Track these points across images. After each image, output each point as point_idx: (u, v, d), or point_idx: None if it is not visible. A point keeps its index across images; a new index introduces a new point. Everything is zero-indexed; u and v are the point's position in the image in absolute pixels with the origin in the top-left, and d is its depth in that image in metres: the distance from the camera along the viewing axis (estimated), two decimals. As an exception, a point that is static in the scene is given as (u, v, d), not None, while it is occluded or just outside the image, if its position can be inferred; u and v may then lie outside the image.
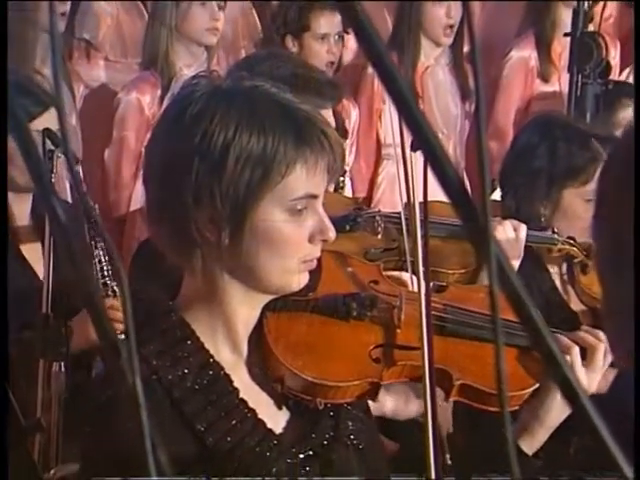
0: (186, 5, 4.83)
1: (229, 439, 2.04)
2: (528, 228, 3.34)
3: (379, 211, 3.25)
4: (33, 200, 3.92)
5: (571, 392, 1.04)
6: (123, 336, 1.08)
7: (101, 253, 3.68)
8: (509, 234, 3.24)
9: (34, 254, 3.89)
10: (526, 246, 3.31)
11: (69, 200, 3.73)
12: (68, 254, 1.15)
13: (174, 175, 2.04)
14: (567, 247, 3.47)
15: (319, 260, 2.13)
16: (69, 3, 4.81)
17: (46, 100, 3.64)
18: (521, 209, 3.54)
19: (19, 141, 1.13)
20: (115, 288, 3.65)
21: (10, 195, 3.90)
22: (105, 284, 3.64)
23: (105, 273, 3.66)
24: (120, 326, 1.13)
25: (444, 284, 2.55)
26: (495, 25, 5.85)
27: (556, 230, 3.49)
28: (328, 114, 2.95)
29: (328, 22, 4.84)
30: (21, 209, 3.94)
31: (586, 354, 2.32)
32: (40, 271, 3.76)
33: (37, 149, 1.16)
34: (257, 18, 5.42)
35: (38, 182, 1.16)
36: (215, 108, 2.04)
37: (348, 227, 2.99)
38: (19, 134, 1.14)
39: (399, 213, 3.01)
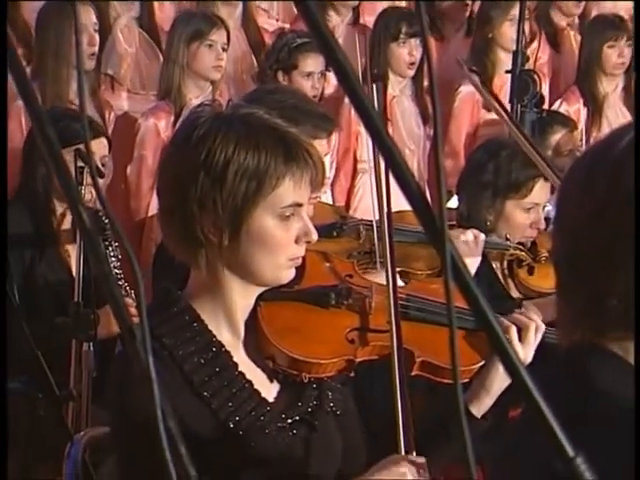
0: (195, 47, 4.81)
1: (230, 405, 2.03)
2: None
3: (361, 220, 3.24)
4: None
5: (510, 364, 1.04)
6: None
7: (112, 256, 3.67)
8: (470, 239, 3.24)
9: (73, 253, 3.89)
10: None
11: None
12: (93, 254, 1.14)
13: (183, 186, 2.03)
14: (517, 252, 3.49)
15: (303, 258, 2.12)
16: (97, 45, 4.80)
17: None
18: (471, 215, 3.54)
19: (52, 161, 1.12)
20: (127, 289, 3.65)
21: (57, 203, 3.89)
22: (119, 285, 3.63)
23: (118, 275, 3.66)
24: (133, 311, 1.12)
25: (408, 278, 2.55)
26: (448, 64, 5.86)
27: (509, 237, 3.49)
28: (322, 143, 2.93)
29: (313, 62, 4.84)
30: (67, 215, 3.91)
31: (521, 332, 2.32)
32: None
33: (67, 167, 1.15)
34: (254, 58, 5.41)
35: (68, 193, 1.14)
36: (217, 131, 2.03)
37: (335, 233, 2.97)
38: (52, 156, 1.12)
39: (377, 221, 3.01)
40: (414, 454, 2.13)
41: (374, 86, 2.65)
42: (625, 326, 1.41)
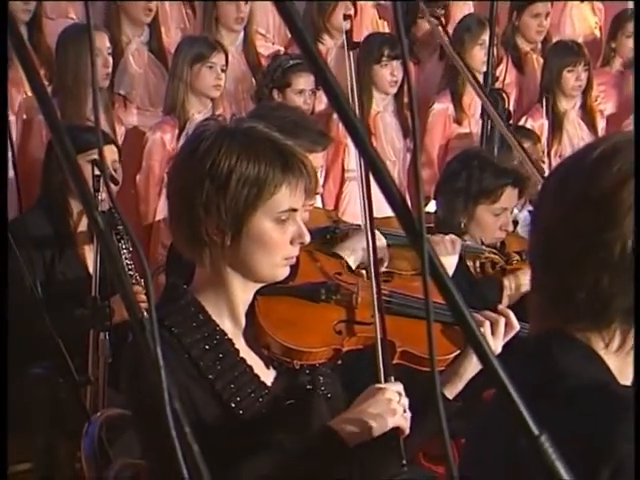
0: (197, 68, 4.80)
1: (232, 386, 2.03)
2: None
3: (352, 224, 3.23)
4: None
5: (483, 353, 1.04)
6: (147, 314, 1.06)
7: (124, 248, 3.67)
8: (448, 243, 3.23)
9: (89, 252, 3.88)
10: None
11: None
12: (107, 254, 1.13)
13: (190, 193, 2.03)
14: (491, 255, 3.48)
15: (297, 257, 2.12)
16: (111, 67, 4.80)
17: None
18: (446, 219, 3.53)
19: (70, 170, 1.11)
20: (137, 278, 3.65)
21: (74, 206, 3.89)
22: (130, 275, 3.63)
23: (129, 266, 3.66)
24: (144, 305, 1.11)
25: (391, 274, 2.54)
26: (423, 84, 5.87)
27: (483, 241, 3.49)
28: (318, 156, 2.92)
29: (305, 81, 4.82)
30: (82, 219, 3.91)
31: (492, 327, 2.32)
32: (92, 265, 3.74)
33: (83, 175, 1.14)
34: (253, 78, 5.40)
35: (83, 199, 1.13)
36: (221, 143, 2.02)
37: (328, 236, 2.95)
38: (70, 166, 1.12)
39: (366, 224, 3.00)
40: (392, 378, 2.14)
41: (351, 53, 2.64)
42: (590, 317, 1.40)
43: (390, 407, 2.04)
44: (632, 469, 1.25)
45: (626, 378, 1.44)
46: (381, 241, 2.86)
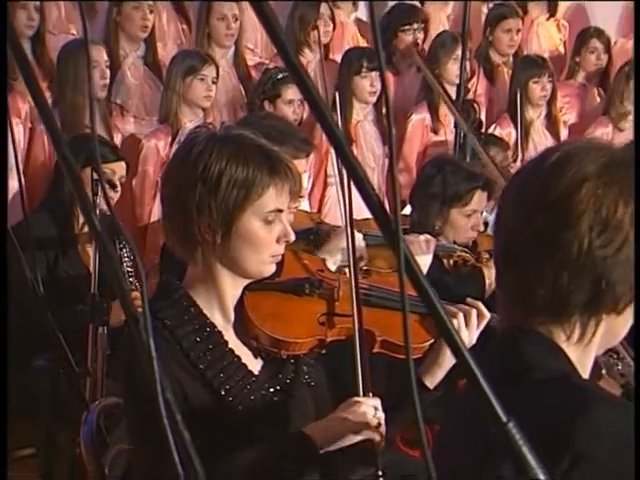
0: (189, 80, 4.79)
1: (222, 375, 2.02)
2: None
3: (333, 226, 3.22)
4: None
5: (454, 344, 1.04)
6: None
7: (126, 256, 3.66)
8: (422, 242, 3.22)
9: (91, 252, 3.88)
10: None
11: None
12: (103, 253, 1.12)
13: (183, 194, 2.02)
14: (463, 254, 3.48)
15: (283, 255, 2.11)
16: (108, 79, 4.79)
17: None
18: (421, 221, 3.53)
19: (69, 175, 1.11)
20: (135, 284, 3.64)
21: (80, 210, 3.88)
22: (130, 281, 3.62)
23: (127, 274, 3.65)
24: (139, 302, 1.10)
25: (369, 272, 2.54)
26: (402, 95, 5.88)
27: (456, 241, 3.49)
28: (302, 162, 2.93)
29: (293, 92, 4.81)
30: (85, 228, 3.90)
31: (465, 318, 2.31)
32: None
33: (82, 180, 1.13)
34: (242, 89, 5.40)
35: (81, 202, 1.13)
36: (212, 148, 2.02)
37: (312, 237, 2.94)
38: (69, 171, 1.11)
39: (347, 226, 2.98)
40: (370, 394, 2.12)
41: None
42: (552, 312, 1.41)
43: (364, 420, 2.03)
44: (594, 458, 1.25)
45: (585, 370, 1.44)
46: (359, 242, 2.85)
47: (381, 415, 2.06)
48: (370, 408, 2.04)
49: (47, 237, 3.81)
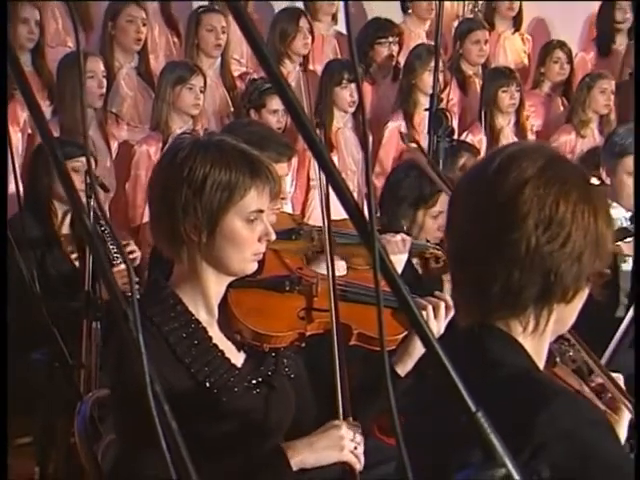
0: (179, 89, 4.78)
1: (206, 369, 2.01)
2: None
3: (314, 226, 3.21)
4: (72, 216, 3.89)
5: (424, 336, 1.03)
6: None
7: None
8: (399, 241, 3.21)
9: (73, 250, 3.89)
10: None
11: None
12: (94, 253, 1.12)
13: (169, 196, 2.01)
14: (435, 251, 3.47)
15: (264, 254, 2.10)
16: (105, 88, 4.79)
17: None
18: (391, 223, 3.51)
19: (61, 178, 1.10)
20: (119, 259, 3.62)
21: (59, 211, 3.87)
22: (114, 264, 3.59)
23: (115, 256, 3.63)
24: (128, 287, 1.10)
25: (346, 268, 2.55)
26: (379, 104, 5.89)
27: (428, 239, 3.48)
28: (283, 166, 2.93)
29: (278, 102, 4.78)
30: (65, 219, 3.93)
31: (434, 310, 2.31)
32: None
33: (73, 182, 1.12)
34: (229, 98, 5.40)
35: (73, 204, 1.12)
36: (196, 153, 2.01)
37: (294, 237, 2.92)
38: (61, 174, 1.11)
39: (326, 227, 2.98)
40: (351, 419, 2.10)
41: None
42: (506, 307, 1.41)
43: (340, 443, 2.02)
44: (552, 449, 1.25)
45: (541, 358, 1.46)
46: None
47: (360, 439, 2.05)
48: (348, 432, 2.04)
49: (33, 236, 3.78)
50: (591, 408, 1.41)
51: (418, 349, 2.25)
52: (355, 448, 2.04)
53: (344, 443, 2.03)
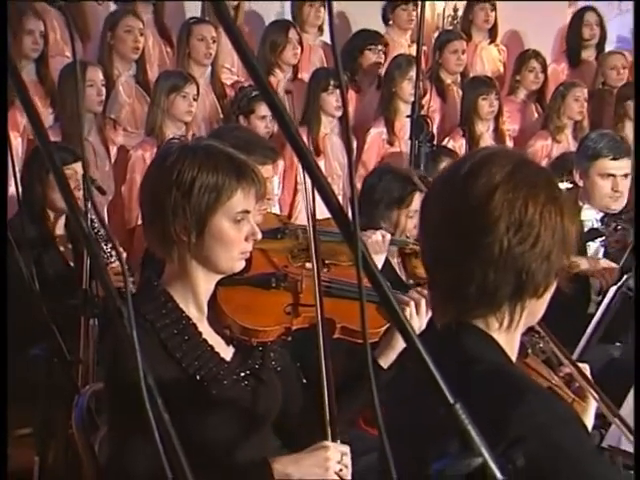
0: (173, 97, 4.78)
1: (197, 363, 2.00)
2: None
3: (299, 225, 3.21)
4: (66, 218, 3.89)
5: (404, 331, 1.03)
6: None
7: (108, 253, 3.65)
8: (379, 238, 3.21)
9: (68, 251, 3.89)
10: None
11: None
12: (90, 253, 1.12)
13: (160, 199, 2.00)
14: (414, 247, 3.46)
15: (251, 252, 2.09)
16: (104, 96, 4.78)
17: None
18: (369, 224, 3.51)
19: (58, 181, 1.10)
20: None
21: (51, 214, 3.89)
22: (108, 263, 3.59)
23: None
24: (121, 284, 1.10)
25: (329, 265, 2.55)
26: (363, 109, 5.89)
27: (408, 235, 3.48)
28: (269, 168, 2.95)
29: (266, 108, 4.78)
30: (57, 222, 3.93)
31: (416, 306, 2.31)
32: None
33: (70, 188, 1.12)
34: (219, 106, 5.40)
35: (69, 206, 1.11)
36: (185, 157, 2.00)
37: (279, 236, 2.92)
38: (58, 177, 1.10)
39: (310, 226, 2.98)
40: (338, 442, 2.05)
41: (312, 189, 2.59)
42: (483, 305, 1.42)
43: (325, 464, 1.99)
44: (525, 444, 1.25)
45: (514, 350, 1.47)
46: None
47: (348, 461, 2.01)
48: (335, 454, 2.01)
49: (28, 238, 3.76)
50: (564, 406, 1.42)
51: (400, 341, 2.24)
52: (341, 470, 2.01)
53: (329, 464, 1.99)
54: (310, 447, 2.03)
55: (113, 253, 3.58)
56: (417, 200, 3.51)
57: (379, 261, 3.16)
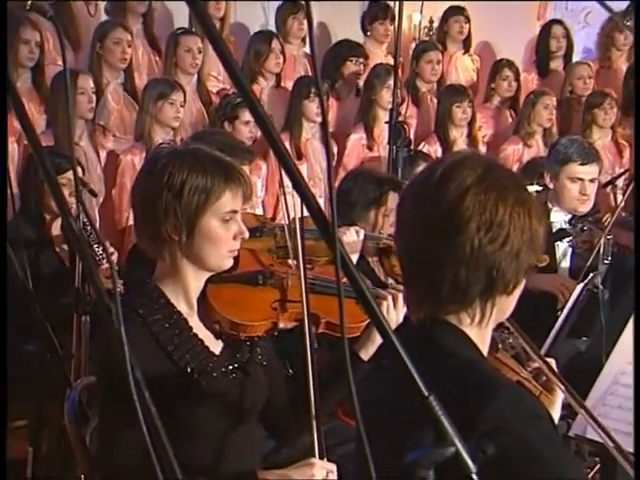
0: (161, 104, 4.77)
1: (187, 356, 2.00)
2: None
3: (276, 224, 3.20)
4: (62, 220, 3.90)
5: (379, 325, 1.04)
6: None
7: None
8: (353, 236, 3.19)
9: (64, 251, 3.88)
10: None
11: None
12: (80, 253, 1.12)
13: (151, 201, 2.00)
14: (388, 242, 3.45)
15: (239, 251, 2.09)
16: (94, 103, 4.76)
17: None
18: (346, 224, 3.50)
19: (52, 191, 1.10)
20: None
21: (48, 216, 3.89)
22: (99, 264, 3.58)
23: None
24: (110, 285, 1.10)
25: (312, 265, 2.55)
26: (343, 116, 5.90)
27: (382, 232, 3.47)
28: (246, 169, 2.96)
29: (249, 114, 4.78)
30: (53, 224, 3.92)
31: (394, 300, 2.31)
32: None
33: (63, 195, 1.12)
34: (205, 112, 5.39)
35: (60, 209, 1.12)
36: (175, 160, 2.00)
37: (258, 234, 2.93)
38: (52, 187, 1.10)
39: (287, 225, 2.98)
40: (325, 457, 2.02)
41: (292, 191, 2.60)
42: (455, 302, 1.42)
43: None
44: (497, 438, 1.26)
45: (485, 345, 1.48)
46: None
47: (333, 478, 1.99)
48: (321, 472, 1.98)
49: (25, 238, 3.77)
50: (533, 401, 1.43)
51: (379, 336, 2.24)
52: None
53: None
54: (297, 464, 2.01)
55: (104, 255, 3.57)
56: (392, 199, 3.51)
57: (354, 258, 3.15)
